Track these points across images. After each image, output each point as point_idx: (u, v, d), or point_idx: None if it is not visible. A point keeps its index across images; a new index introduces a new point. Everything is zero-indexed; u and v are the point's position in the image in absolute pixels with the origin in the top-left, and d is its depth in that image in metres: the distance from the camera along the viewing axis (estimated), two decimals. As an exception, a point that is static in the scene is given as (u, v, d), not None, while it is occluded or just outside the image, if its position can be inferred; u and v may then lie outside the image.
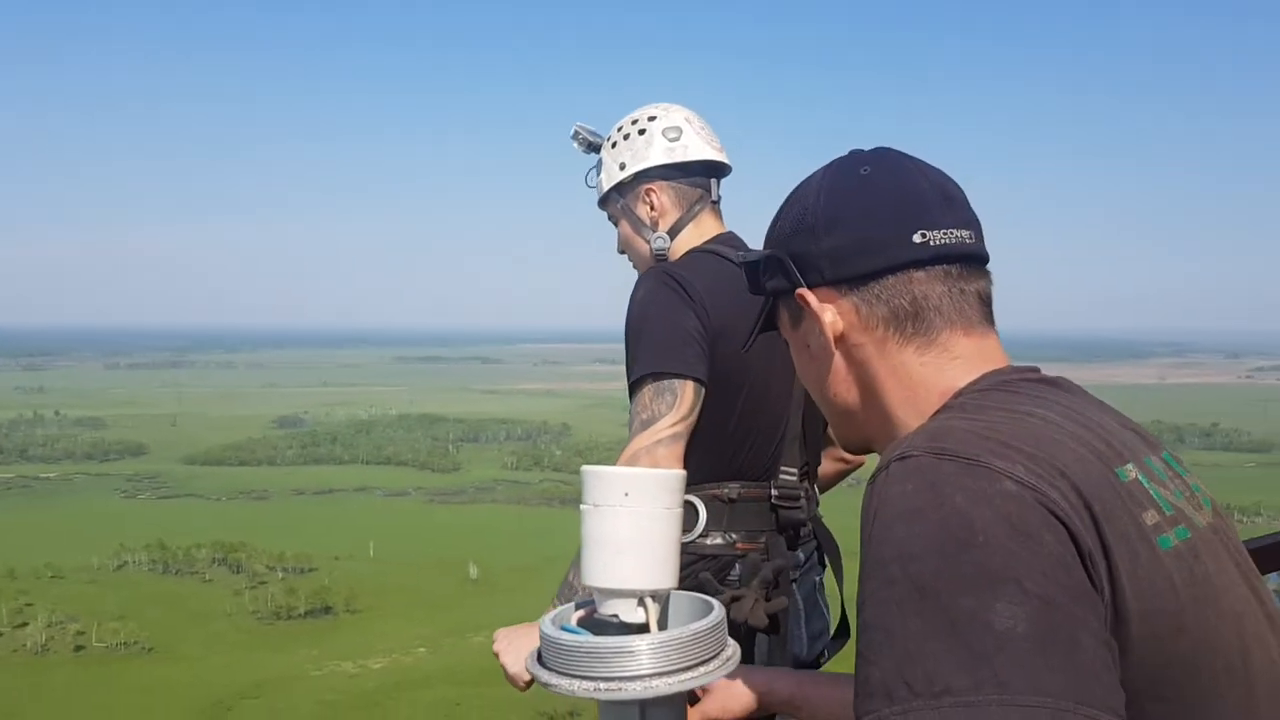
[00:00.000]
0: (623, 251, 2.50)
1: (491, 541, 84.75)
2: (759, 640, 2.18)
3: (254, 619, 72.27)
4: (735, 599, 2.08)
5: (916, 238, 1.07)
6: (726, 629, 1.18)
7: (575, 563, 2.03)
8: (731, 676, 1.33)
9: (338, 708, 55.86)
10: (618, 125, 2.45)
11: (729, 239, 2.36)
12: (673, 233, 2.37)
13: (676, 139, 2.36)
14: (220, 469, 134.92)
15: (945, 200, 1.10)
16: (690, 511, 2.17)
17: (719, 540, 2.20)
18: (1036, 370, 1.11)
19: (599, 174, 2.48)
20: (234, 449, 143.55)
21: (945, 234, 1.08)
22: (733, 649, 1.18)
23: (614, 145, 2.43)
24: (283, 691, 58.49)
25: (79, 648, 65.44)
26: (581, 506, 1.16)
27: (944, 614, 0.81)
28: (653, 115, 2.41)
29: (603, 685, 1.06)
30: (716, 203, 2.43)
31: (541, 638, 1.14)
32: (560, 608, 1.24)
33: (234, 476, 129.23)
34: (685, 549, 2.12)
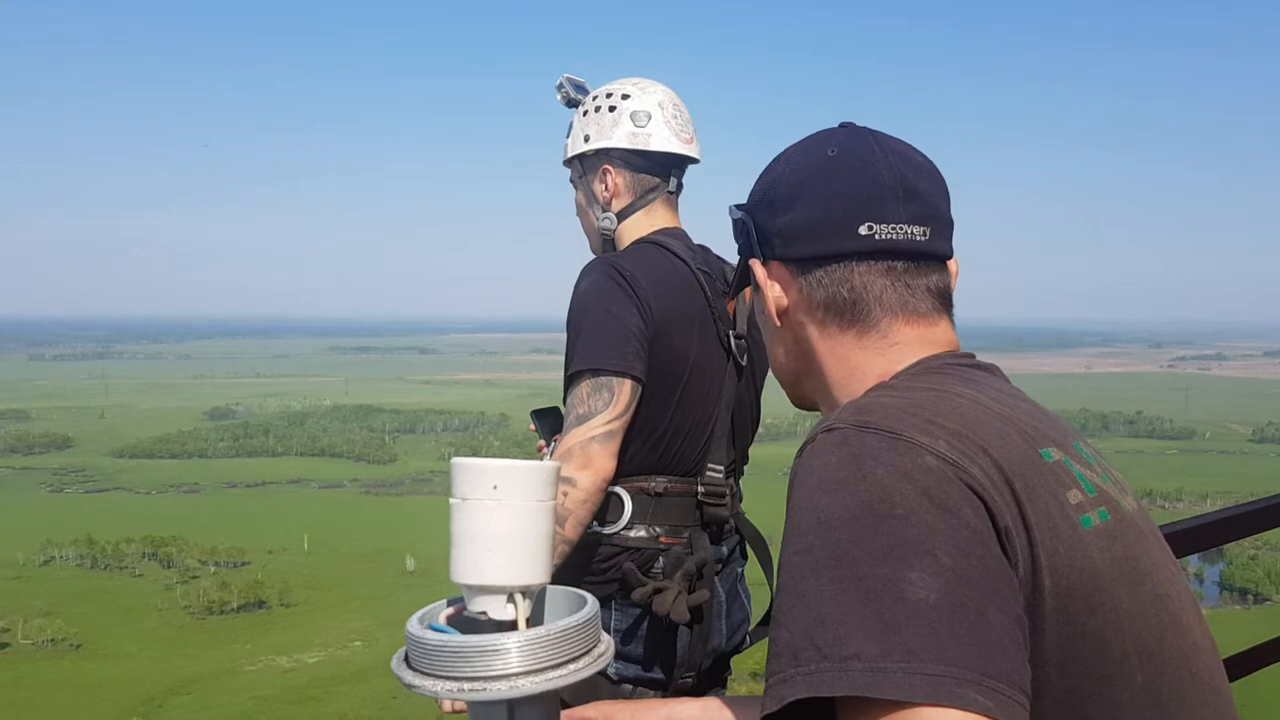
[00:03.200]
0: (578, 215, 2.53)
1: (429, 533, 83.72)
2: (680, 632, 2.25)
3: (186, 614, 71.13)
4: (658, 591, 2.14)
5: (863, 229, 1.07)
6: (600, 624, 1.13)
7: None
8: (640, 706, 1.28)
9: (272, 703, 55.18)
10: (593, 94, 2.44)
11: (677, 234, 2.41)
12: (622, 216, 2.40)
13: (643, 125, 2.37)
14: (150, 462, 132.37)
15: (904, 193, 1.08)
16: (616, 504, 2.23)
17: (643, 533, 2.24)
18: (972, 356, 1.13)
19: (568, 135, 2.48)
20: (164, 441, 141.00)
21: (894, 229, 1.07)
22: (605, 645, 1.12)
23: (585, 114, 2.42)
24: (216, 687, 57.61)
25: (4, 645, 63.97)
26: (450, 500, 1.12)
27: (858, 582, 0.81)
28: (627, 93, 2.39)
29: (467, 685, 1.02)
30: (674, 194, 2.46)
31: (407, 637, 1.10)
32: (430, 605, 1.20)
33: (164, 469, 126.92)
34: (609, 541, 2.23)
